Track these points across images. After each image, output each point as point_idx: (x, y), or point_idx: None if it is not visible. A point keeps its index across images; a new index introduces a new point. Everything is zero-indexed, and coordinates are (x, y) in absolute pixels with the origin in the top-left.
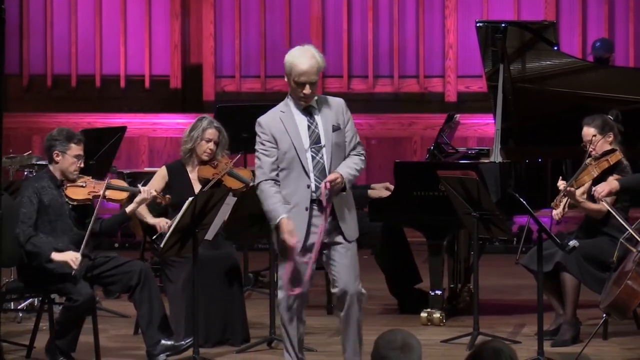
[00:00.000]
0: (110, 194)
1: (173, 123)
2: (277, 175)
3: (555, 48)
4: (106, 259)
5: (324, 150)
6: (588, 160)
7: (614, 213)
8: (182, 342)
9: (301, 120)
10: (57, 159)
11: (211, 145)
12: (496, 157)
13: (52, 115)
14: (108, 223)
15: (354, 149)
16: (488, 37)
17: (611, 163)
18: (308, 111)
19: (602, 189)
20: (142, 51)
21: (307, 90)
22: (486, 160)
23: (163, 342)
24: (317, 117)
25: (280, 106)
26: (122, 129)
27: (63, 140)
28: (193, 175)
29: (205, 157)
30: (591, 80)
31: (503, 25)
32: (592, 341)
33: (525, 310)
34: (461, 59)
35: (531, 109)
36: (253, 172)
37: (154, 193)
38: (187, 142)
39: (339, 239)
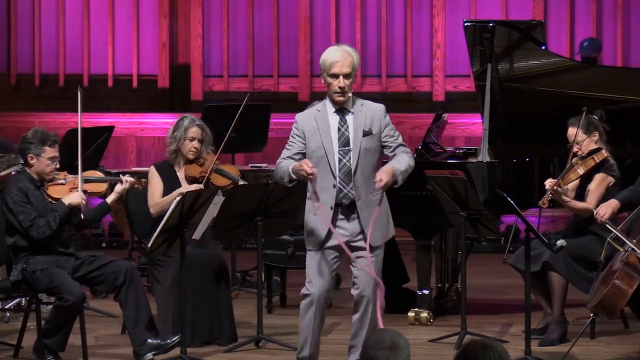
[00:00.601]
0: (89, 187)
1: (161, 123)
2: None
3: (543, 47)
4: (91, 259)
5: (351, 153)
6: (574, 160)
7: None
8: (168, 340)
9: (333, 121)
10: (32, 162)
11: (195, 143)
12: (484, 156)
13: (40, 115)
14: (90, 214)
15: (396, 149)
16: (476, 37)
17: (597, 161)
18: (342, 113)
19: (604, 211)
20: (130, 51)
21: (341, 82)
22: (474, 160)
23: (149, 341)
24: (350, 120)
25: (318, 105)
26: (110, 129)
27: (37, 144)
28: (181, 174)
29: (191, 156)
30: (579, 79)
31: (491, 24)
32: (579, 340)
33: (512, 310)
34: (449, 59)
35: (519, 108)
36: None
37: (133, 180)
38: (172, 143)
39: (363, 243)
